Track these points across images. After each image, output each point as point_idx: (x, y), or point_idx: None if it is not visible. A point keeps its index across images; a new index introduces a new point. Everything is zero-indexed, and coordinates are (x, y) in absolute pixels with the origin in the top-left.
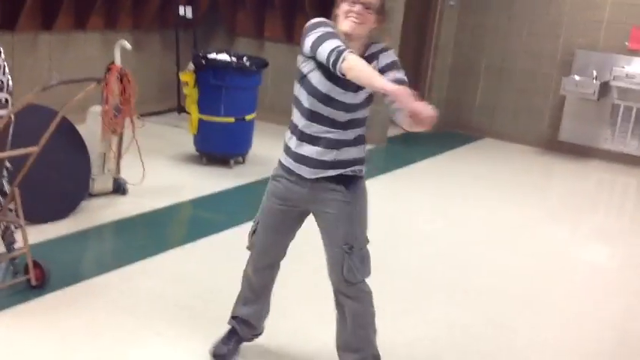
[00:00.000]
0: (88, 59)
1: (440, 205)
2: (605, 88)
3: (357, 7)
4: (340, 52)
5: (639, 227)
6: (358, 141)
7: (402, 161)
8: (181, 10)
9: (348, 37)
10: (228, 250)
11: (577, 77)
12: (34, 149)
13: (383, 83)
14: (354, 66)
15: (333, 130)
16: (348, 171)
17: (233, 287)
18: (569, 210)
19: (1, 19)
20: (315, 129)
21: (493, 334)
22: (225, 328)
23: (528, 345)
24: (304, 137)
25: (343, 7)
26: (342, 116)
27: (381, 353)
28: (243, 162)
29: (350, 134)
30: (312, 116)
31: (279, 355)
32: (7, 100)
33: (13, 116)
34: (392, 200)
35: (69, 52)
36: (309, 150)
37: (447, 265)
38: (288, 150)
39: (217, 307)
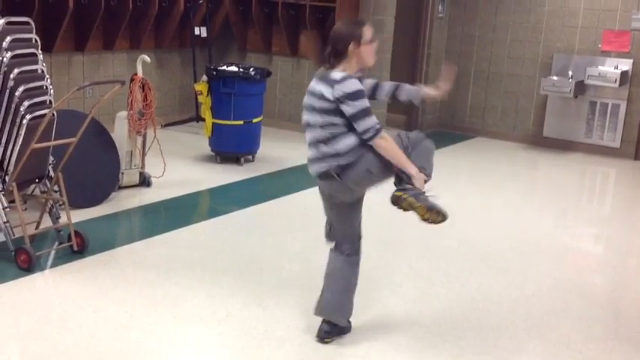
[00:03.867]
0: (117, 76)
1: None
2: (581, 86)
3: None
4: (377, 131)
5: (620, 211)
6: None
7: None
8: (197, 31)
9: (361, 70)
10: (234, 227)
11: (555, 77)
12: (72, 140)
13: (408, 164)
14: (386, 146)
15: None
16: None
17: (233, 251)
18: (550, 195)
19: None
20: None
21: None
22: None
23: (479, 298)
24: None
25: (372, 47)
26: None
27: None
28: (253, 160)
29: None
30: None
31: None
32: (50, 102)
33: (55, 113)
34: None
35: (100, 71)
36: None
37: (419, 233)
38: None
39: (221, 263)
